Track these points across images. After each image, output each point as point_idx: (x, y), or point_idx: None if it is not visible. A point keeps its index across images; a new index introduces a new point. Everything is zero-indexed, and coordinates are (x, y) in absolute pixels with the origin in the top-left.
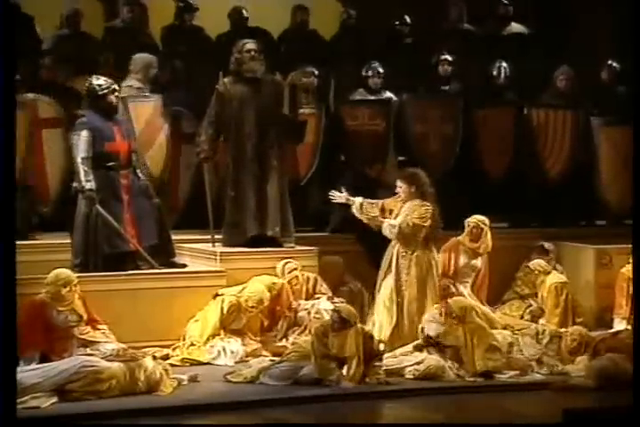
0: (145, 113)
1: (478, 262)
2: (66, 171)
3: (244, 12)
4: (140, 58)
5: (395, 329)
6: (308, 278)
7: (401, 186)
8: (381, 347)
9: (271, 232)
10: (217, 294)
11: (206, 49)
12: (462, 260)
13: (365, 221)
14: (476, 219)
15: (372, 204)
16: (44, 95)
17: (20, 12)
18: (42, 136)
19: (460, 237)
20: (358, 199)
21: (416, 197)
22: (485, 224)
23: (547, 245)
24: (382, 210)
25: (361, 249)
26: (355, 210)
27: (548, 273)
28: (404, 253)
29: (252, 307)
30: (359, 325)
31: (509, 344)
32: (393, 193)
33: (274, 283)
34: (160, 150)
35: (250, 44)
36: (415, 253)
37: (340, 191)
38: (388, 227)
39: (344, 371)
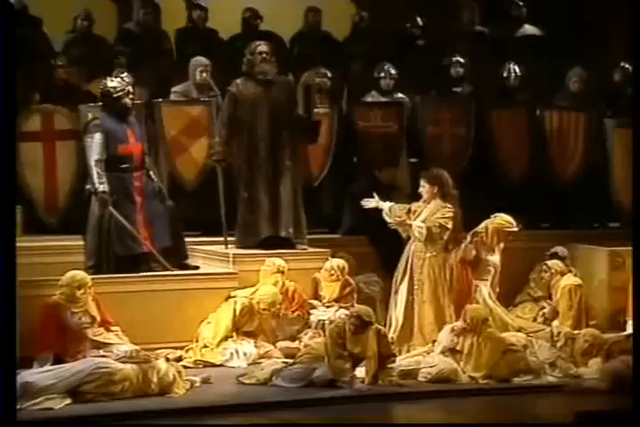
0: (182, 118)
1: (496, 259)
2: (77, 183)
3: (257, 12)
4: (192, 61)
5: (407, 330)
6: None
7: (424, 185)
8: (393, 348)
9: (284, 233)
10: (230, 296)
11: (221, 51)
12: (482, 257)
13: (394, 225)
14: (508, 222)
15: (401, 208)
16: (61, 106)
17: (29, 14)
18: (56, 148)
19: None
20: (387, 204)
21: (438, 198)
22: (512, 224)
23: (561, 252)
24: (408, 212)
25: (374, 251)
26: (385, 215)
27: (564, 274)
28: (418, 254)
29: (264, 309)
30: (375, 324)
31: (523, 347)
32: (407, 195)
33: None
34: (198, 155)
35: (262, 46)
36: (430, 255)
37: (372, 197)
38: (417, 229)
39: (358, 373)
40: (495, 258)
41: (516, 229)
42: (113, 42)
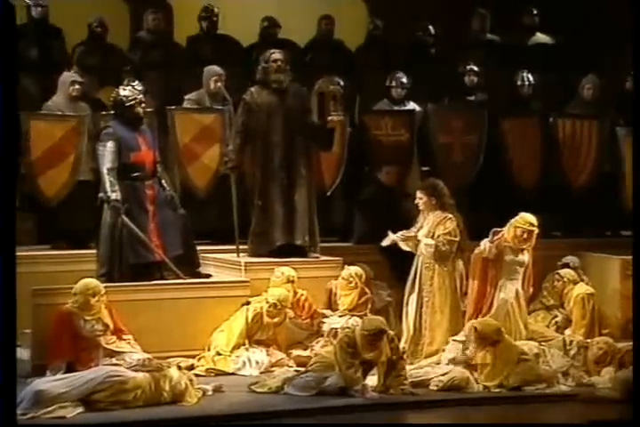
0: (195, 125)
1: (525, 257)
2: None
3: (275, 21)
4: (206, 70)
5: (417, 341)
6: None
7: (421, 197)
8: (404, 356)
9: (300, 241)
10: (247, 302)
11: (233, 57)
12: (507, 257)
13: (402, 241)
14: (526, 221)
15: (410, 231)
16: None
17: (49, 24)
18: None
19: (505, 235)
20: (398, 235)
21: (436, 209)
22: (535, 225)
23: (572, 262)
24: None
25: (385, 260)
26: (400, 244)
27: (576, 283)
28: (427, 265)
29: (270, 306)
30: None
31: (535, 355)
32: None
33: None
34: (211, 163)
35: (276, 55)
36: (439, 265)
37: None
38: (425, 247)
39: (369, 381)
40: (522, 258)
41: (529, 227)
42: (126, 50)
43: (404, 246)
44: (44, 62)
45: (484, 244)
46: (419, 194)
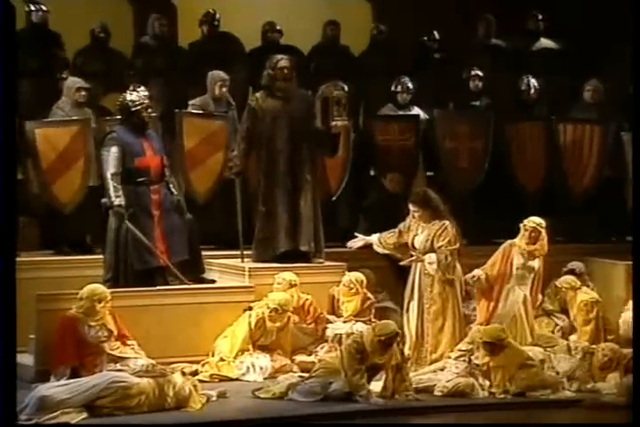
0: (202, 130)
1: (535, 264)
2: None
3: (277, 27)
4: (210, 75)
5: (420, 347)
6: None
7: (416, 210)
8: (408, 363)
9: (306, 247)
10: (250, 308)
11: (235, 62)
12: (517, 262)
13: (407, 264)
14: (533, 222)
15: (390, 235)
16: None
17: (48, 29)
18: None
19: (515, 240)
20: (374, 237)
21: (432, 219)
22: (543, 227)
23: (577, 268)
24: (400, 235)
25: (389, 264)
26: (376, 247)
27: (577, 289)
28: (426, 272)
29: (272, 311)
30: None
31: (541, 361)
32: None
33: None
34: (216, 168)
35: (283, 62)
36: (442, 273)
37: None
38: (429, 266)
39: (373, 387)
40: (532, 264)
41: (532, 225)
42: (129, 56)
43: (379, 250)
44: (42, 68)
45: (471, 282)
46: (413, 208)
